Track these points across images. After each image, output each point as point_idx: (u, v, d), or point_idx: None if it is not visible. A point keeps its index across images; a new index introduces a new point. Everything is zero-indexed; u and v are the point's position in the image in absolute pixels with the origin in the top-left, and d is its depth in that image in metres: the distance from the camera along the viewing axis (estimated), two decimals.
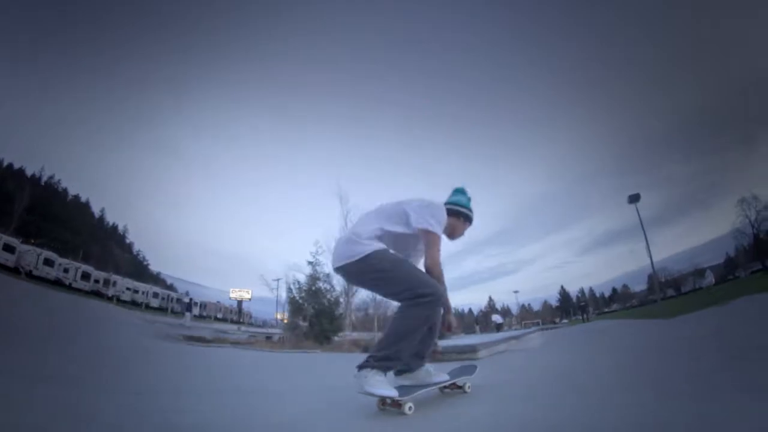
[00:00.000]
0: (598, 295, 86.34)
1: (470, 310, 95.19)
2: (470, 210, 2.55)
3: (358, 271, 2.20)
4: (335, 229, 16.92)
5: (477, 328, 32.00)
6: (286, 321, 17.64)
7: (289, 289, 15.54)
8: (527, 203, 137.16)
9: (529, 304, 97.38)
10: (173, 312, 37.38)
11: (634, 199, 25.90)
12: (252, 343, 12.71)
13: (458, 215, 2.49)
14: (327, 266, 15.34)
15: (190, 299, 27.17)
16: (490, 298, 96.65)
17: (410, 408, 1.98)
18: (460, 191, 2.59)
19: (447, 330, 2.40)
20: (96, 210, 73.43)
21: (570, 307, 78.53)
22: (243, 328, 33.50)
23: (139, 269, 66.93)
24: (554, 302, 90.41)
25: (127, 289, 35.85)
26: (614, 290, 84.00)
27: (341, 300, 17.81)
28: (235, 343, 11.79)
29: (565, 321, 54.20)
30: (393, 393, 2.00)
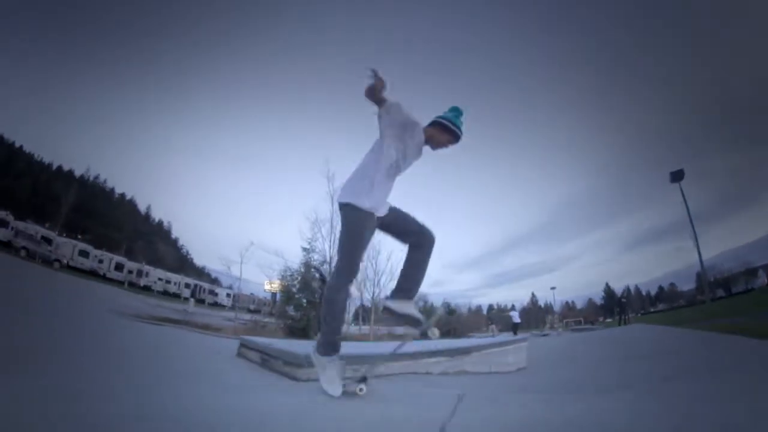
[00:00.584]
0: (644, 293, 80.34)
1: (478, 308, 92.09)
2: (448, 120, 2.52)
3: (343, 214, 2.39)
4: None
5: (493, 327, 28.11)
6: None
7: (282, 276, 15.07)
8: (570, 198, 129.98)
9: (573, 302, 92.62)
10: (202, 301, 38.55)
11: (677, 176, 21.70)
12: (220, 329, 12.09)
13: (435, 125, 2.53)
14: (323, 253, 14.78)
15: (195, 285, 27.75)
16: (533, 294, 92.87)
17: (361, 390, 2.21)
18: (451, 108, 2.59)
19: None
20: (143, 207, 77.73)
21: (614, 306, 73.97)
22: (257, 317, 34.01)
23: (183, 263, 69.95)
24: (599, 300, 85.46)
25: (159, 279, 37.34)
26: (661, 289, 77.88)
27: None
28: (204, 327, 11.29)
29: (608, 320, 51.14)
30: (339, 392, 2.16)
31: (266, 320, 16.63)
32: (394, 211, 2.47)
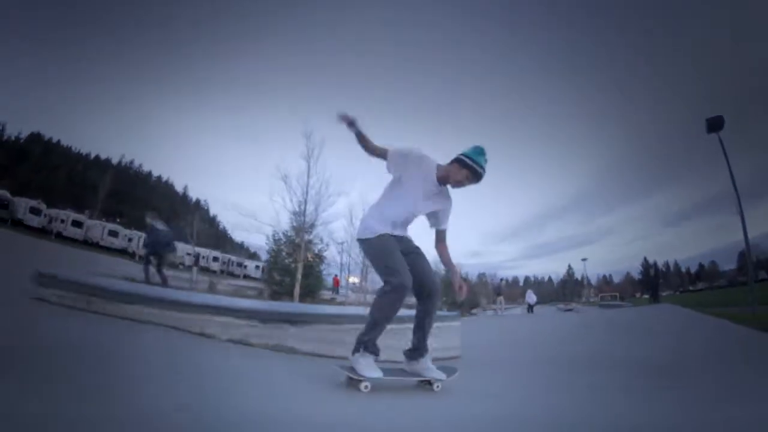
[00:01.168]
0: (683, 270, 75.64)
1: (515, 279, 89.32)
2: (467, 157, 2.50)
3: (363, 249, 2.67)
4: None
5: (500, 300, 20.86)
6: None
7: (271, 240, 14.97)
8: (610, 166, 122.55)
9: (610, 276, 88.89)
10: (231, 274, 39.86)
11: (714, 125, 15.05)
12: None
13: (454, 162, 2.52)
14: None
15: (197, 254, 28.68)
16: (569, 266, 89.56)
17: (366, 387, 2.24)
18: (474, 147, 2.58)
19: (459, 291, 2.52)
20: (179, 188, 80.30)
21: (649, 282, 70.41)
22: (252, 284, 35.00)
23: (221, 240, 71.73)
24: (637, 274, 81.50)
25: (187, 254, 38.58)
26: (701, 266, 72.98)
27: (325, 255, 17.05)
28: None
29: (645, 296, 48.86)
30: (377, 374, 2.31)
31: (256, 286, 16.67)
32: (415, 253, 2.55)
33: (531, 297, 21.77)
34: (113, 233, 30.60)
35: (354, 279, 25.74)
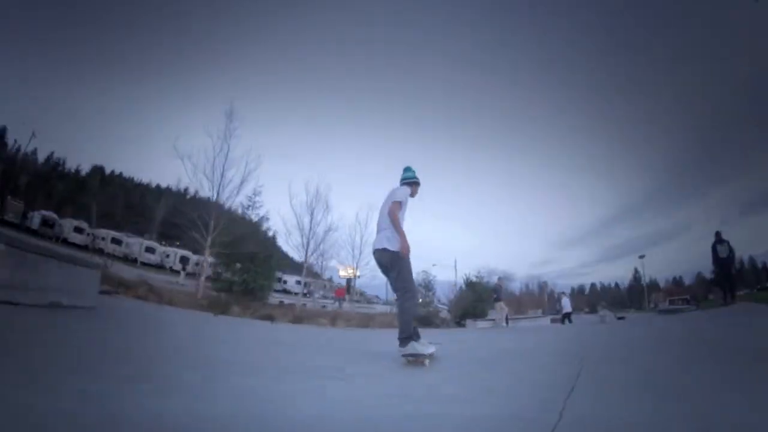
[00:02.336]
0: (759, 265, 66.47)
1: (581, 287, 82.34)
2: (415, 178, 4.01)
3: (391, 258, 3.59)
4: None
5: (499, 306, 15.02)
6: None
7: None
8: (677, 159, 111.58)
9: (680, 278, 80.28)
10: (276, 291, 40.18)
11: None
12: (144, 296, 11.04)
13: (410, 184, 3.97)
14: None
15: (186, 258, 28.99)
16: (636, 270, 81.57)
17: (428, 361, 3.29)
18: (407, 169, 4.07)
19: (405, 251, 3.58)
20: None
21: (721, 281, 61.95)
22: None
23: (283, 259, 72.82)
24: (709, 274, 72.63)
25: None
26: None
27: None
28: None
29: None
30: (433, 349, 3.40)
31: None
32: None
33: (566, 304, 18.07)
34: (150, 249, 31.80)
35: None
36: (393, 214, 3.59)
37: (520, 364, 3.55)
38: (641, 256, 49.31)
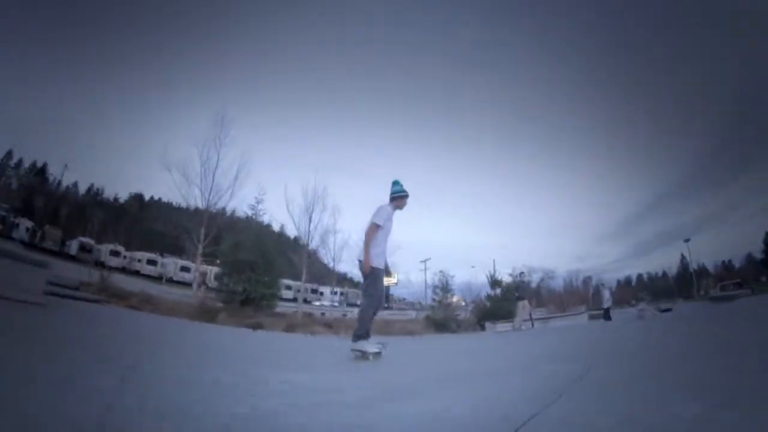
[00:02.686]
0: None
1: (628, 279, 77.75)
2: (402, 191, 4.61)
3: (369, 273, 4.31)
4: None
5: (522, 305, 13.42)
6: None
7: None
8: (718, 135, 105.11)
9: (729, 261, 74.42)
10: (306, 301, 40.50)
11: None
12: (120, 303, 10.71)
13: (397, 198, 4.60)
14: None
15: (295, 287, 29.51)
16: (682, 256, 74.67)
17: (372, 357, 4.09)
18: (394, 183, 4.65)
19: (366, 269, 4.30)
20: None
21: None
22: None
23: (321, 271, 71.91)
24: (759, 254, 66.90)
25: (287, 287, 39.78)
26: None
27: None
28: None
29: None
30: (376, 349, 4.15)
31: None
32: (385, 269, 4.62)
33: (606, 297, 15.92)
34: (185, 269, 32.84)
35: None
36: (366, 235, 4.35)
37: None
38: (686, 240, 46.25)
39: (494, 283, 21.73)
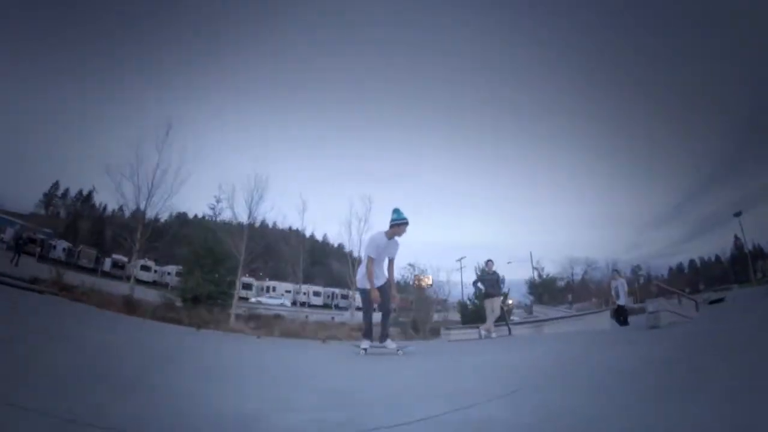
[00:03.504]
0: None
1: (679, 266, 70.09)
2: (400, 219, 5.34)
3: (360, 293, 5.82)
4: None
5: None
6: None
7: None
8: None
9: None
10: (337, 307, 40.67)
11: None
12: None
13: (394, 226, 5.35)
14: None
15: (328, 293, 30.17)
16: (736, 237, 63.14)
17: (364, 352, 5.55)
18: (394, 211, 5.39)
19: (393, 300, 5.82)
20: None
21: None
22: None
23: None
24: None
25: (287, 291, 40.45)
26: None
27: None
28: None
29: None
30: (366, 345, 5.52)
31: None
32: (386, 287, 5.58)
33: (620, 292, 11.16)
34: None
35: None
36: (366, 267, 5.39)
37: None
38: (737, 214, 40.41)
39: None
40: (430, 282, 47.00)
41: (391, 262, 5.52)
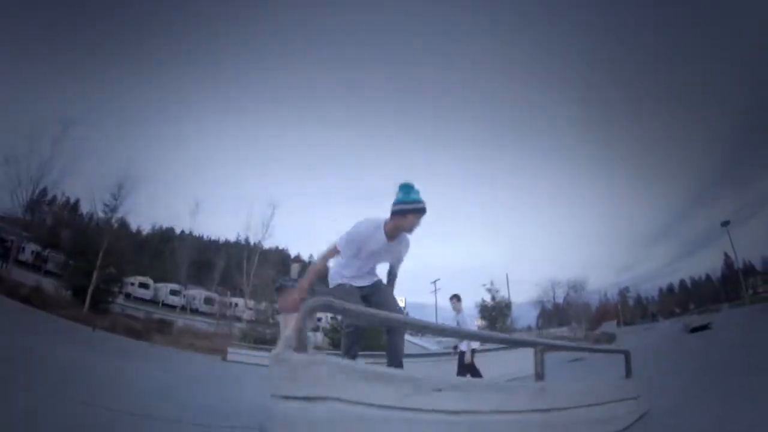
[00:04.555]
0: None
1: (670, 287, 69.58)
2: (409, 202, 2.80)
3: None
4: None
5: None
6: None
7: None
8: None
9: None
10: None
11: None
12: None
13: (394, 216, 2.84)
14: None
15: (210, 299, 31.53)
16: (726, 255, 58.84)
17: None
18: (402, 188, 2.86)
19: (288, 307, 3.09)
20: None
21: None
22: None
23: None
24: None
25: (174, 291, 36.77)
26: None
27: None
28: None
29: None
30: None
31: None
32: (377, 292, 3.11)
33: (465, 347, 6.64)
34: (209, 300, 33.39)
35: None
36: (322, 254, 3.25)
37: None
38: (724, 224, 36.72)
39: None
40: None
41: (392, 272, 3.30)
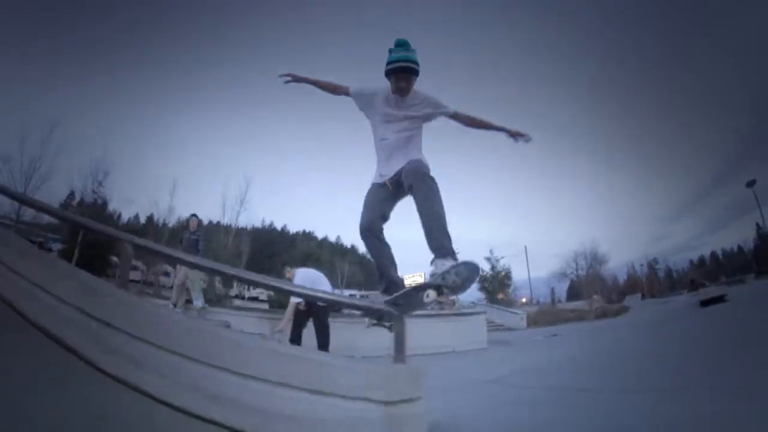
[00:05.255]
0: None
1: (701, 259, 65.17)
2: (387, 64, 2.35)
3: None
4: None
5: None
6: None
7: None
8: None
9: None
10: None
11: None
12: None
13: (386, 77, 2.40)
14: None
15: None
16: (757, 225, 52.85)
17: None
18: (398, 44, 2.40)
19: (518, 136, 2.55)
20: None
21: None
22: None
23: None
24: None
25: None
26: None
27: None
28: None
29: None
30: None
31: None
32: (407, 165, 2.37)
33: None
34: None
35: None
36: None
37: None
38: (750, 183, 33.18)
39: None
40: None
41: (456, 116, 2.54)
